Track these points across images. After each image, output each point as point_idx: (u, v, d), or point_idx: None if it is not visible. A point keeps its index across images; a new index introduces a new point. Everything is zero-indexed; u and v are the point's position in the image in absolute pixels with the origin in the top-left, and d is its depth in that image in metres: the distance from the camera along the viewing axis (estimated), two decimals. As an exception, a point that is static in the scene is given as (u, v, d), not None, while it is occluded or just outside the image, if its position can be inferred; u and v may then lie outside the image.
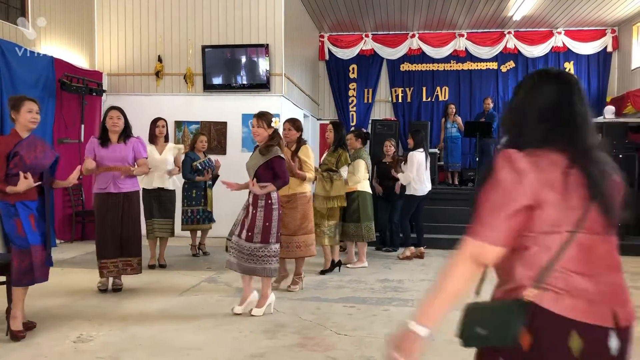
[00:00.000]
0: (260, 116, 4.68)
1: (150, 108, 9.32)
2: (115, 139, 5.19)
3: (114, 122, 5.16)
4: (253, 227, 4.52)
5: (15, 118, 3.99)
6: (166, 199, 6.65)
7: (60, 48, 8.59)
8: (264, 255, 4.52)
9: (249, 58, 9.28)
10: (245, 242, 4.53)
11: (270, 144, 4.65)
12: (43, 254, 3.98)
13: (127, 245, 5.23)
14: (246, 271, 4.58)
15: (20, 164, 3.83)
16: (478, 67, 12.72)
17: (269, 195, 4.58)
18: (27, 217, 3.92)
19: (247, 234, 4.52)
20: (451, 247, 6.69)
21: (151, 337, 4.07)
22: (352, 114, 13.14)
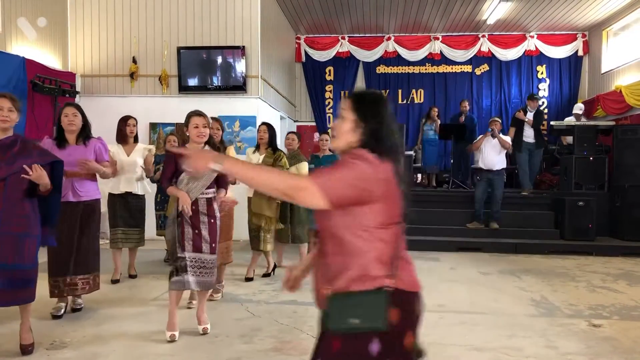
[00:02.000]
0: (206, 115, 4.27)
1: (125, 110, 9.14)
2: (73, 140, 4.60)
3: (69, 120, 4.55)
4: (215, 238, 4.19)
5: None
6: (133, 206, 6.08)
7: (32, 48, 8.44)
8: (212, 266, 4.20)
9: (225, 60, 9.25)
10: (209, 255, 4.16)
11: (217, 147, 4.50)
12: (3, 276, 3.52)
13: (85, 261, 4.64)
14: (206, 286, 4.22)
15: None
16: (453, 70, 12.88)
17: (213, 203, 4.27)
18: None
19: (212, 246, 4.16)
20: (427, 248, 6.84)
21: (126, 343, 4.02)
22: (329, 115, 13.18)
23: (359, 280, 1.82)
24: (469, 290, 5.95)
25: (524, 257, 8.10)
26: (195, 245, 4.11)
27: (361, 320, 1.78)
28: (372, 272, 1.82)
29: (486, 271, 7.01)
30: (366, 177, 1.80)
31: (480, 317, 4.86)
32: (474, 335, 4.35)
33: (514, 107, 12.70)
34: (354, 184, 1.78)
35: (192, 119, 4.17)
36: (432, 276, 6.66)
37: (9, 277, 3.53)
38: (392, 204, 1.87)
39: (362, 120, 1.91)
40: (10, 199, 3.55)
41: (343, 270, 1.84)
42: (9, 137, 3.64)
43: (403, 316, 1.83)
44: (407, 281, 1.87)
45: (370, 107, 1.94)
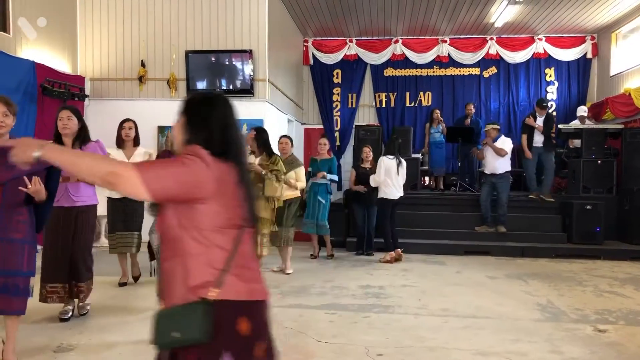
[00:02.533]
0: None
1: (133, 113, 9.20)
2: (69, 143, 4.50)
3: (63, 124, 4.45)
4: None
5: None
6: (131, 210, 5.92)
7: (41, 53, 8.53)
8: None
9: (233, 63, 9.30)
10: None
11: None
12: None
13: (79, 269, 4.54)
14: None
15: None
16: (461, 72, 12.87)
17: None
18: None
19: None
20: (433, 252, 6.87)
21: (131, 346, 4.06)
22: (336, 118, 13.20)
23: (184, 290, 1.76)
24: (475, 294, 5.95)
25: (531, 261, 8.07)
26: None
27: (182, 333, 1.72)
28: (198, 280, 1.75)
29: (492, 275, 7.00)
30: (195, 173, 1.75)
31: (485, 322, 4.86)
32: (478, 339, 4.35)
33: (522, 109, 12.67)
34: (180, 179, 1.74)
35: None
36: (437, 280, 6.67)
37: (4, 283, 3.43)
38: (229, 206, 1.82)
39: (189, 121, 1.90)
40: (9, 204, 3.45)
41: (172, 277, 1.80)
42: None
43: (252, 326, 1.79)
44: (247, 290, 1.81)
45: (197, 108, 1.92)
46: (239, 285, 1.79)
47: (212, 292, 1.74)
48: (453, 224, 9.22)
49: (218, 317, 1.73)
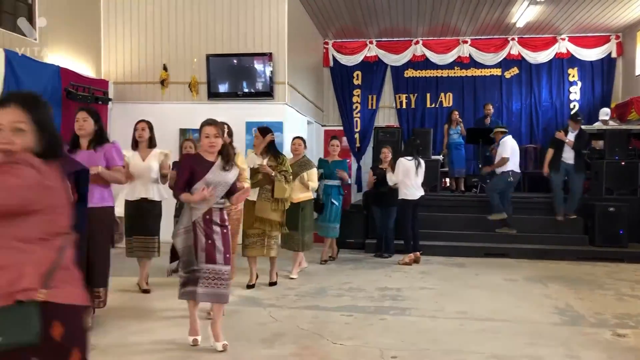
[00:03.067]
0: (218, 124, 4.12)
1: (155, 116, 9.37)
2: (85, 145, 4.47)
3: (79, 125, 4.45)
4: (229, 248, 4.08)
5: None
6: (147, 212, 5.80)
7: (66, 57, 8.73)
8: (228, 277, 4.07)
9: (253, 66, 9.39)
10: (223, 266, 4.02)
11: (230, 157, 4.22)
12: None
13: (93, 274, 4.37)
14: (222, 299, 4.08)
15: None
16: (482, 73, 12.77)
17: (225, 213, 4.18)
18: None
19: (226, 257, 4.04)
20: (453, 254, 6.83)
21: (149, 347, 4.15)
22: (357, 120, 13.22)
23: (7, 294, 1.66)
24: (492, 296, 5.93)
25: (551, 264, 7.99)
26: (209, 256, 3.99)
27: (5, 337, 1.61)
28: (23, 284, 1.67)
29: (511, 277, 6.96)
30: (30, 184, 1.67)
31: (501, 325, 4.84)
32: (494, 343, 4.34)
33: (544, 110, 12.55)
34: (15, 193, 1.64)
35: (204, 128, 4.08)
36: (455, 282, 6.65)
37: None
38: (58, 214, 1.77)
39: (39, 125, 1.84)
40: None
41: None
42: None
43: (67, 331, 1.71)
44: (69, 294, 1.76)
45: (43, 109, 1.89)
46: (64, 290, 1.75)
47: (40, 294, 1.67)
48: (473, 226, 9.17)
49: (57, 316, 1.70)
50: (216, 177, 4.04)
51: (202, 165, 4.05)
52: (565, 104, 12.58)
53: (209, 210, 4.03)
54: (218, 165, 4.07)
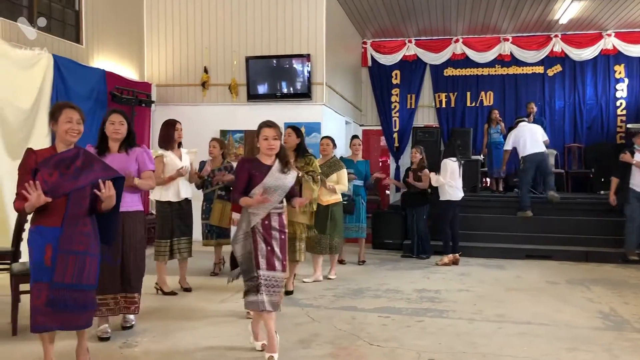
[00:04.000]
0: (277, 126, 4.00)
1: (197, 118, 9.69)
2: (115, 148, 4.34)
3: (115, 129, 4.29)
4: (285, 254, 3.98)
5: (54, 129, 3.41)
6: (187, 213, 5.82)
7: (111, 61, 9.01)
8: (282, 285, 3.99)
9: (291, 68, 9.48)
10: (281, 273, 3.94)
11: (288, 160, 4.07)
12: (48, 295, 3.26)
13: (129, 278, 4.33)
14: (276, 307, 3.94)
15: (41, 182, 3.22)
16: (524, 71, 12.56)
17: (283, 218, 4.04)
18: (42, 249, 3.26)
19: (283, 264, 3.95)
20: (493, 255, 6.72)
21: (192, 345, 4.26)
22: (395, 119, 13.17)
23: None
24: (533, 299, 5.84)
25: (595, 266, 7.81)
26: (269, 262, 3.90)
27: None
28: None
29: (553, 280, 6.83)
30: None
31: (541, 329, 4.77)
32: (533, 347, 4.28)
33: (589, 108, 12.25)
34: None
35: (262, 130, 3.96)
36: (495, 284, 6.58)
37: (69, 298, 3.32)
38: None
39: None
40: (73, 215, 3.32)
41: None
42: (71, 150, 3.41)
43: None
44: None
45: None
46: None
47: None
48: (514, 227, 9.02)
49: None
50: (274, 180, 3.94)
51: (260, 168, 3.96)
52: (611, 102, 12.25)
53: (268, 216, 3.92)
54: (276, 169, 3.96)
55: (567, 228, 8.80)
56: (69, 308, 3.31)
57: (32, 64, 7.08)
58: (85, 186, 3.35)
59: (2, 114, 6.63)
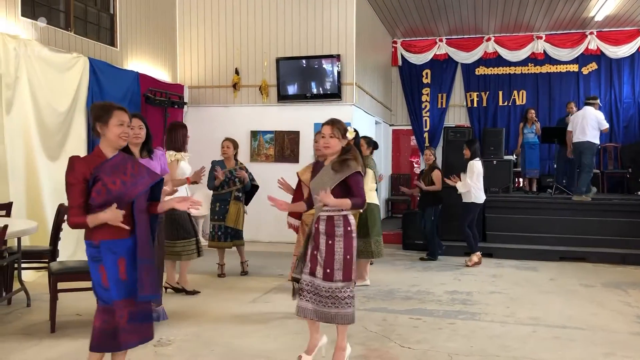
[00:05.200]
0: (334, 123, 3.72)
1: (228, 119, 9.82)
2: (137, 153, 4.24)
3: (135, 133, 4.17)
4: (332, 263, 3.60)
5: (102, 132, 3.05)
6: (179, 216, 5.64)
7: (144, 64, 9.16)
8: (346, 296, 3.60)
9: (321, 68, 9.50)
10: (322, 282, 3.62)
11: (345, 157, 3.72)
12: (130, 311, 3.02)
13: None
14: (325, 319, 3.65)
15: (104, 191, 2.95)
16: (557, 69, 12.34)
17: (347, 221, 3.65)
18: (115, 263, 2.97)
19: (325, 272, 3.60)
20: (526, 257, 6.62)
21: (224, 344, 4.31)
22: (426, 119, 13.09)
23: None
24: (567, 303, 5.73)
25: (633, 269, 7.62)
26: (311, 267, 3.68)
27: None
28: None
29: (588, 283, 6.70)
30: None
31: (576, 333, 4.69)
32: (568, 351, 4.21)
33: (626, 107, 11.98)
34: None
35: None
36: (528, 287, 6.48)
37: (146, 309, 3.16)
38: None
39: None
40: (141, 222, 3.11)
41: None
42: (119, 154, 3.13)
43: None
44: None
45: None
46: None
47: None
48: (548, 229, 8.86)
49: None
50: (315, 182, 3.77)
51: (317, 169, 3.87)
52: (648, 100, 11.94)
53: (317, 219, 3.72)
54: (326, 169, 3.74)
55: (602, 230, 8.61)
56: (145, 320, 3.12)
57: (69, 67, 7.25)
58: (145, 191, 3.15)
59: (40, 116, 6.81)
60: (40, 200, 6.69)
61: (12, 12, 6.62)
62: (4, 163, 6.34)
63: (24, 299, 5.28)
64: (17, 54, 6.43)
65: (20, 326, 4.69)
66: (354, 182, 3.62)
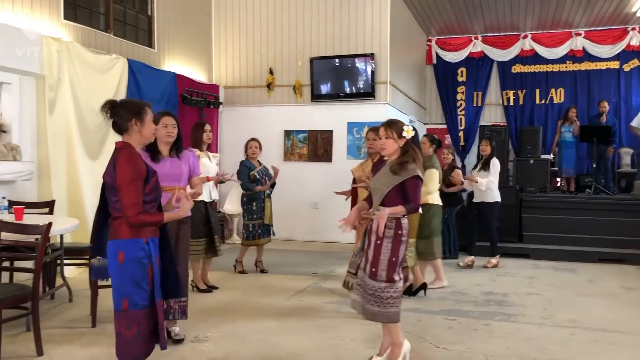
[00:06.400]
0: (389, 125, 3.70)
1: (262, 119, 9.91)
2: (166, 152, 4.15)
3: (168, 132, 4.10)
4: (377, 262, 3.61)
5: (137, 128, 3.05)
6: (215, 213, 5.90)
7: (181, 64, 9.31)
8: (389, 296, 3.60)
9: (355, 67, 9.49)
10: (368, 280, 3.65)
11: (404, 159, 3.66)
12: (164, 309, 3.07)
13: (181, 282, 3.90)
14: (368, 315, 3.69)
15: (156, 187, 2.98)
16: (597, 66, 12.01)
17: (399, 225, 3.61)
18: (156, 261, 2.98)
19: (371, 270, 3.63)
20: (563, 258, 6.48)
21: (259, 341, 4.36)
22: (461, 117, 12.94)
23: None
24: (607, 305, 5.61)
25: (676, 272, 7.41)
26: (363, 264, 3.74)
27: None
28: None
29: (630, 285, 6.54)
30: None
31: (617, 336, 4.58)
32: (608, 355, 4.13)
33: (669, 104, 11.61)
34: None
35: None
36: (566, 289, 6.37)
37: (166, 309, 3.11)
38: None
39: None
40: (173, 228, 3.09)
41: None
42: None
43: None
44: None
45: None
46: None
47: None
48: (586, 229, 8.67)
49: None
50: (375, 181, 3.78)
51: (378, 167, 3.87)
52: (696, 98, 11.56)
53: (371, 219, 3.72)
54: (385, 170, 3.73)
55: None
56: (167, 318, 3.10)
57: (108, 68, 7.42)
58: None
59: (81, 116, 6.99)
60: (81, 198, 6.87)
61: (55, 15, 6.82)
62: (47, 162, 6.54)
63: (66, 294, 5.45)
64: (60, 56, 6.61)
65: (62, 320, 4.84)
66: (411, 186, 3.60)
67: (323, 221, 9.47)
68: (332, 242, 9.35)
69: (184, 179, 4.16)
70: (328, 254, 8.32)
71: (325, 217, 9.34)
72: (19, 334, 4.40)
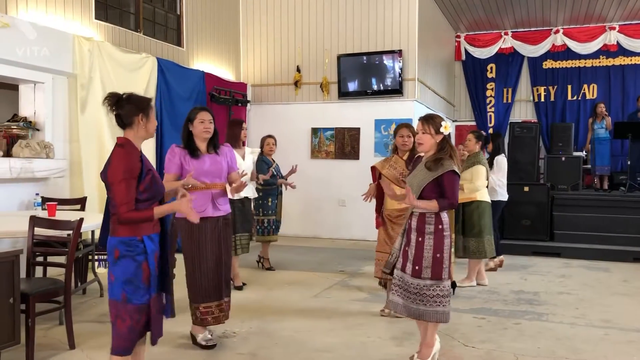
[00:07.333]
0: (427, 120, 3.63)
1: (289, 116, 9.93)
2: (204, 148, 4.05)
3: (205, 127, 3.99)
4: (420, 260, 3.55)
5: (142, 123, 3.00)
6: (248, 210, 5.93)
7: (209, 63, 9.39)
8: (435, 295, 3.54)
9: (382, 64, 9.43)
10: (411, 278, 3.59)
11: (440, 156, 3.61)
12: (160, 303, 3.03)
13: (227, 282, 4.20)
14: (414, 315, 3.62)
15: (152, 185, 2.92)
16: (632, 61, 11.72)
17: (439, 219, 3.56)
18: (153, 257, 2.92)
19: (414, 268, 3.56)
20: (596, 257, 6.31)
21: (287, 337, 4.37)
22: (490, 114, 12.76)
23: None
24: (643, 306, 5.47)
25: None
26: (402, 263, 3.65)
27: None
28: None
29: (666, 286, 6.36)
30: None
31: (652, 337, 4.47)
32: (643, 356, 4.02)
33: None
34: None
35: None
36: (599, 288, 6.23)
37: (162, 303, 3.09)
38: None
39: None
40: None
41: None
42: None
43: None
44: None
45: None
46: None
47: None
48: (620, 228, 8.46)
49: None
50: (411, 176, 3.73)
51: (415, 163, 3.84)
52: None
53: (411, 215, 3.68)
54: (421, 167, 3.67)
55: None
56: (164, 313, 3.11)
57: (138, 67, 7.52)
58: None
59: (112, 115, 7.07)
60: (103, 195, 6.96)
61: (87, 15, 6.94)
62: (79, 160, 6.67)
63: (97, 289, 5.55)
64: (91, 56, 6.73)
65: (94, 314, 4.93)
66: (447, 181, 3.53)
67: (350, 219, 9.46)
68: (359, 239, 9.33)
69: (224, 175, 4.12)
70: (355, 252, 8.30)
71: (352, 214, 9.33)
72: (52, 327, 4.50)
